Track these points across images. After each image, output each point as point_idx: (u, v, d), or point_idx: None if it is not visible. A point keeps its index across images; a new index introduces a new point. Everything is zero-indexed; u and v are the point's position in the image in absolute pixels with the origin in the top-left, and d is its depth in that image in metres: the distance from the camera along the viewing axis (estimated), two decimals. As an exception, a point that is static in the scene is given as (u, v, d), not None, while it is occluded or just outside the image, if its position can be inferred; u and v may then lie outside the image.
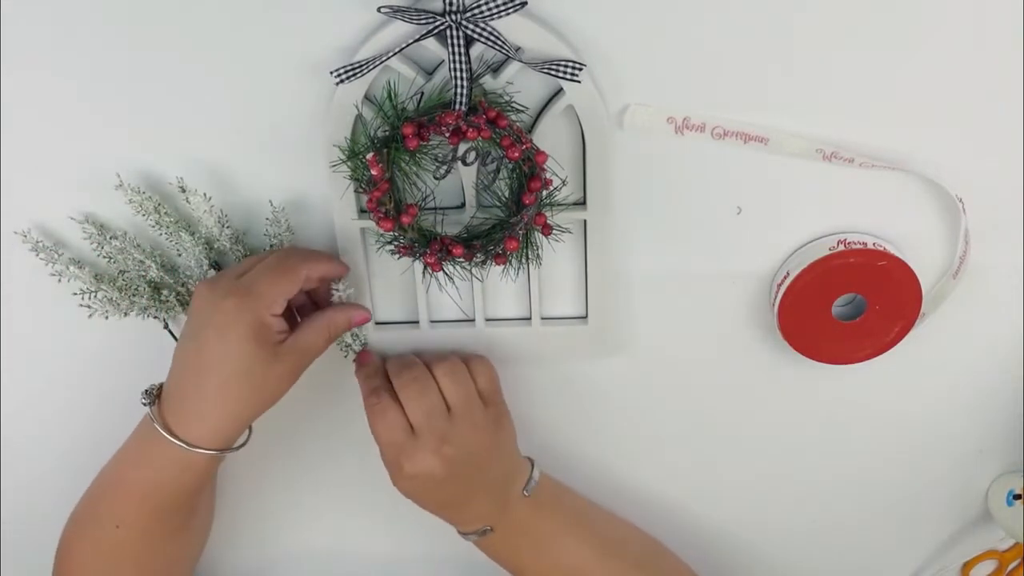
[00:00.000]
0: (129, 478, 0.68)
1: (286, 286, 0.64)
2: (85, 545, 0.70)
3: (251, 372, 0.64)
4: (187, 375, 0.65)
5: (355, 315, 0.69)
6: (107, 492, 0.70)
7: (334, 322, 0.68)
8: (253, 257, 0.68)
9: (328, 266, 0.67)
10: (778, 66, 0.63)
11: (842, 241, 0.68)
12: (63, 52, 0.63)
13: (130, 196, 0.66)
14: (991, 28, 0.61)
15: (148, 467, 0.67)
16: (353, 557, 0.88)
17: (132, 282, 0.70)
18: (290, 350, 0.65)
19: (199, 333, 0.64)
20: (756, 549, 0.86)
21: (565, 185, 0.66)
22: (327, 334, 0.67)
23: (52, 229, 0.69)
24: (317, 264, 0.66)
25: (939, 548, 0.77)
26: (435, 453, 0.68)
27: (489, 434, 0.70)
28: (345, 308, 0.69)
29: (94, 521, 0.70)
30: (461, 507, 0.72)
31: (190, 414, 0.65)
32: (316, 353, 0.67)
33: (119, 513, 0.68)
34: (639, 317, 0.73)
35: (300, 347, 0.66)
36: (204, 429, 0.65)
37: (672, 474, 0.82)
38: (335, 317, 0.68)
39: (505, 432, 0.72)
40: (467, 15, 0.57)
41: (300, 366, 0.66)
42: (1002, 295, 0.71)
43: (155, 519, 0.68)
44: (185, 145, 0.66)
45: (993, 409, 0.77)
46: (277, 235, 0.68)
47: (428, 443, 0.68)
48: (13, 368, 0.76)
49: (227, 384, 0.64)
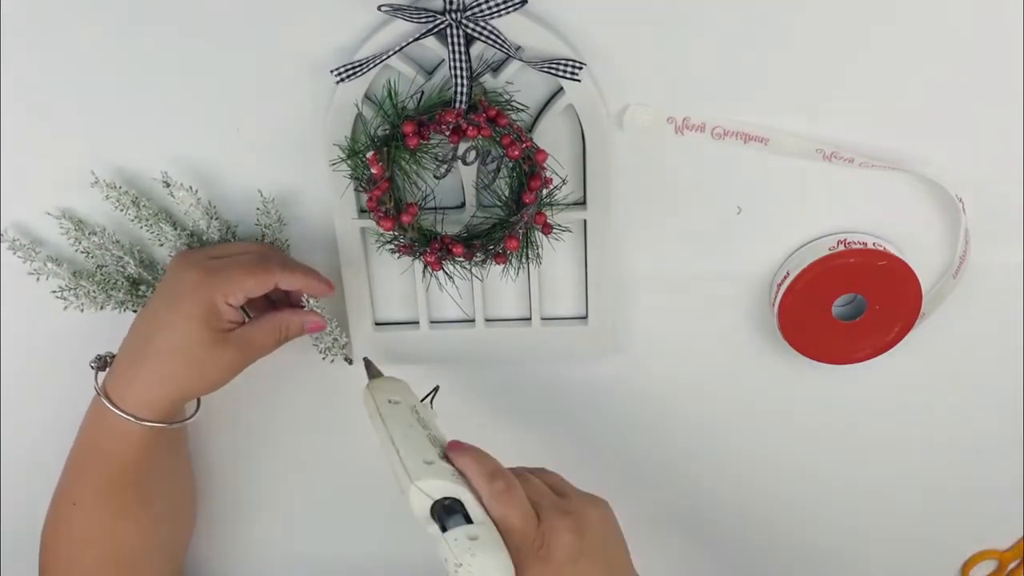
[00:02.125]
0: (80, 448, 0.68)
1: (253, 284, 0.64)
2: (55, 527, 0.70)
3: (188, 350, 0.63)
4: (132, 339, 0.65)
5: (309, 321, 0.68)
6: (66, 466, 0.70)
7: (287, 324, 0.67)
8: (241, 244, 0.67)
9: (305, 282, 0.66)
10: (778, 66, 0.63)
11: (842, 241, 0.68)
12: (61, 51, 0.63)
13: (106, 192, 0.66)
14: (991, 28, 0.61)
15: (93, 436, 0.66)
16: (350, 561, 0.88)
17: (110, 276, 0.70)
18: (236, 340, 0.64)
19: (154, 298, 0.65)
20: (756, 548, 0.86)
21: (565, 184, 0.66)
22: (278, 335, 0.67)
23: (28, 227, 0.70)
24: (294, 276, 0.65)
25: (939, 547, 0.77)
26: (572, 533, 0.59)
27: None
28: (302, 313, 0.68)
29: (58, 499, 0.70)
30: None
31: (125, 380, 0.64)
32: (263, 351, 0.66)
33: (74, 489, 0.68)
34: (639, 317, 0.73)
35: (247, 341, 0.65)
36: (134, 397, 0.64)
37: (672, 473, 0.82)
38: (290, 319, 0.67)
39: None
40: (467, 14, 0.57)
41: (244, 359, 0.66)
42: (1002, 295, 0.71)
43: (103, 495, 0.67)
44: (185, 145, 0.66)
45: (993, 409, 0.77)
46: (268, 225, 0.68)
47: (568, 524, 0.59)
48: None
49: (163, 355, 0.63)
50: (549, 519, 0.58)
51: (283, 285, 0.65)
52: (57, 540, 0.71)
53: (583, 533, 0.59)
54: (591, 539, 0.59)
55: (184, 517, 0.77)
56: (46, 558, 0.71)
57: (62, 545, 0.70)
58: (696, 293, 0.72)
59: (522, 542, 0.57)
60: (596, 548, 0.59)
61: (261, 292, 0.64)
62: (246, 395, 0.71)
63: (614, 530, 0.62)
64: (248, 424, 0.78)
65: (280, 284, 0.65)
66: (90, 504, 0.68)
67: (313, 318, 0.68)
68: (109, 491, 0.68)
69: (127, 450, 0.66)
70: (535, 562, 0.57)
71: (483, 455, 0.61)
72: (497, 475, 0.59)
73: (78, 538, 0.69)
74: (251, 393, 0.75)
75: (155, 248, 0.70)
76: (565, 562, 0.58)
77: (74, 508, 0.68)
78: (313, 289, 0.67)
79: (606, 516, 0.61)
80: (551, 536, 0.58)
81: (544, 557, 0.57)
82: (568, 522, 0.58)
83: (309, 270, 0.68)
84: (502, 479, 0.59)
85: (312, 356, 0.72)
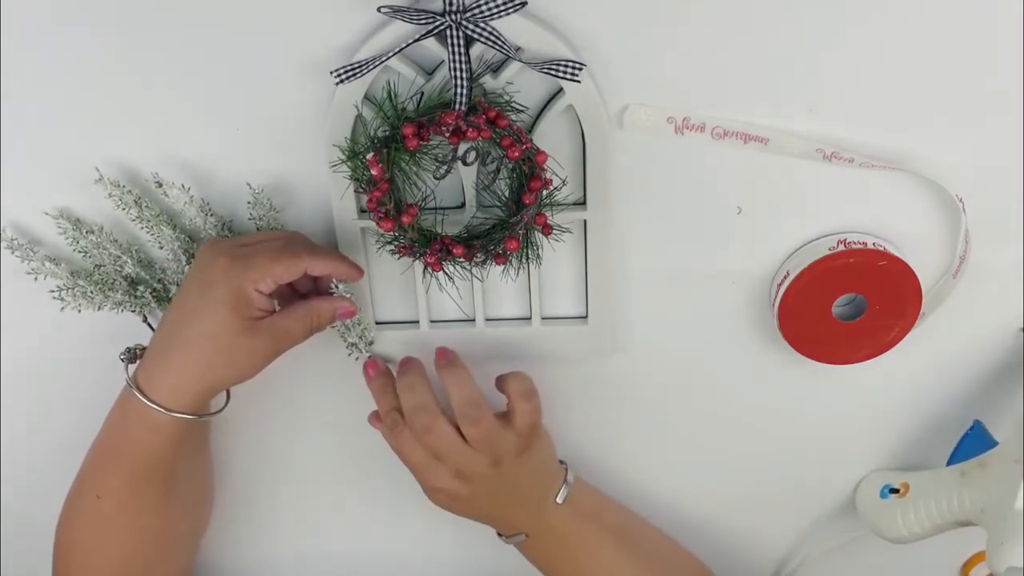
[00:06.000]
0: (105, 441, 0.68)
1: (282, 270, 0.63)
2: (76, 519, 0.70)
3: (218, 337, 0.63)
4: (164, 329, 0.65)
5: (341, 307, 0.67)
6: (89, 460, 0.70)
7: (318, 312, 0.67)
8: (269, 232, 0.67)
9: (334, 266, 0.66)
10: (778, 66, 0.63)
11: (842, 241, 0.68)
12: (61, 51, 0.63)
13: (109, 190, 0.66)
14: (991, 28, 0.61)
15: (121, 428, 0.67)
16: (357, 557, 0.88)
17: (108, 276, 0.70)
18: (266, 329, 0.64)
19: (184, 288, 0.64)
20: (755, 547, 0.86)
21: (565, 185, 0.66)
22: (309, 323, 0.66)
23: (26, 226, 0.70)
24: (323, 261, 0.65)
25: (939, 547, 0.77)
26: (455, 477, 0.68)
27: (512, 461, 0.69)
28: (332, 299, 0.67)
29: (80, 492, 0.70)
30: (493, 516, 0.72)
31: (157, 371, 0.64)
32: (294, 340, 0.66)
33: (99, 482, 0.68)
34: (639, 317, 0.73)
35: (278, 329, 0.65)
36: (165, 387, 0.64)
37: (672, 473, 0.82)
38: (320, 307, 0.67)
39: (533, 454, 0.70)
40: (467, 15, 0.57)
41: (275, 348, 0.65)
42: (1002, 295, 0.71)
43: (130, 488, 0.68)
44: (184, 145, 0.66)
45: (993, 409, 0.77)
46: (262, 216, 0.68)
47: (446, 468, 0.68)
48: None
49: (193, 344, 0.63)
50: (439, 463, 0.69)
51: (312, 270, 0.65)
52: (77, 532, 0.71)
53: (471, 482, 0.69)
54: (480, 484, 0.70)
55: (204, 508, 0.77)
56: (63, 550, 0.71)
57: (83, 537, 0.70)
58: (696, 293, 0.72)
59: (411, 472, 0.70)
60: (482, 489, 0.70)
61: (290, 278, 0.64)
62: (265, 390, 0.71)
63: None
64: (266, 418, 0.78)
65: (309, 269, 0.64)
66: (116, 497, 0.68)
67: (344, 304, 0.68)
68: (137, 484, 0.68)
69: (157, 442, 0.66)
70: (426, 491, 0.71)
71: (383, 384, 0.71)
72: (391, 414, 0.69)
73: (101, 530, 0.69)
74: (270, 388, 0.75)
75: (153, 248, 0.70)
76: (452, 497, 0.71)
77: (99, 501, 0.68)
78: (343, 273, 0.66)
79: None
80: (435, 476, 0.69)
81: (429, 491, 0.71)
82: (450, 471, 0.69)
83: (337, 255, 0.67)
84: (392, 419, 0.69)
85: (332, 352, 0.72)
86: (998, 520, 0.65)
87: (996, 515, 0.65)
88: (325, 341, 0.71)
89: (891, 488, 0.76)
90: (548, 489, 0.72)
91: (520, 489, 0.71)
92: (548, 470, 0.73)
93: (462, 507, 0.71)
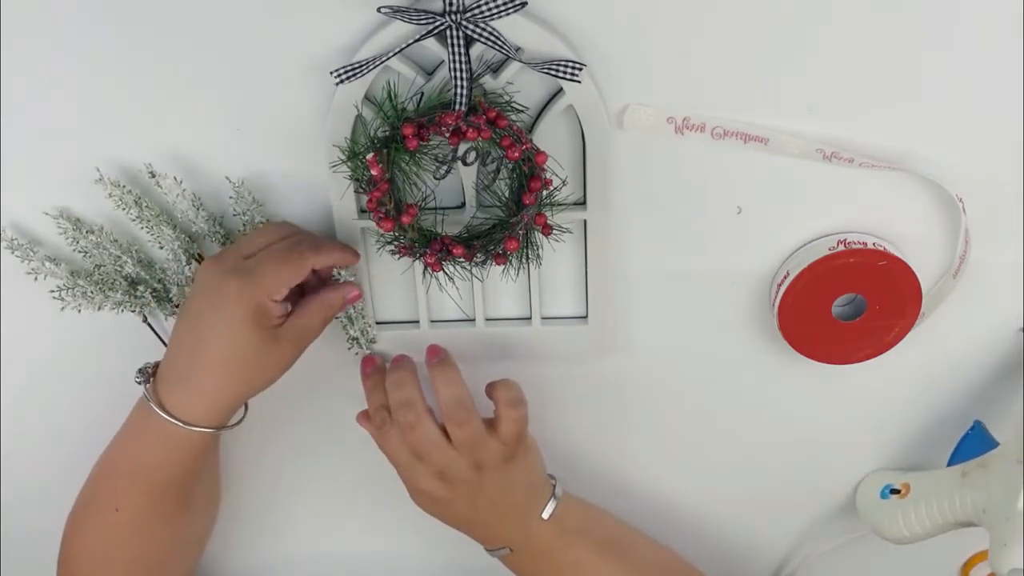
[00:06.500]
0: (127, 458, 0.68)
1: (290, 275, 0.64)
2: (88, 529, 0.70)
3: (247, 356, 0.64)
4: (184, 353, 0.65)
5: (349, 293, 0.69)
6: (106, 474, 0.70)
7: (330, 303, 0.68)
8: (262, 233, 0.67)
9: (337, 256, 0.67)
10: (778, 66, 0.63)
11: (842, 241, 0.68)
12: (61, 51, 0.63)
13: (110, 190, 0.66)
14: (991, 27, 0.61)
15: (145, 447, 0.67)
16: (356, 559, 0.88)
17: (108, 276, 0.70)
18: (287, 333, 0.65)
19: (199, 312, 0.64)
20: (755, 547, 0.86)
21: (565, 185, 0.66)
22: (324, 315, 0.67)
23: (26, 226, 0.70)
24: (328, 255, 0.66)
25: (939, 547, 0.77)
26: (437, 479, 0.69)
27: (495, 469, 0.69)
28: (339, 287, 0.68)
29: (95, 504, 0.70)
30: (476, 526, 0.72)
31: (185, 392, 0.65)
32: (314, 335, 0.67)
33: (118, 496, 0.68)
34: (639, 317, 0.73)
35: (298, 330, 0.66)
36: (199, 408, 0.65)
37: (672, 473, 0.82)
38: (330, 297, 0.68)
39: (518, 464, 0.70)
40: (467, 15, 0.57)
41: (298, 348, 0.67)
42: (1002, 295, 0.71)
43: (151, 501, 0.68)
44: (184, 145, 0.66)
45: (993, 409, 0.77)
46: (246, 211, 0.68)
47: (429, 469, 0.68)
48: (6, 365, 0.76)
49: (224, 365, 0.64)
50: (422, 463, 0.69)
51: (317, 266, 0.66)
52: (87, 541, 0.70)
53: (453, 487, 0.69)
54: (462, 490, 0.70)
55: (212, 513, 0.78)
56: (70, 558, 0.71)
57: (93, 546, 0.70)
58: (696, 293, 0.72)
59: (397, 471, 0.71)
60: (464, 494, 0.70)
61: (300, 279, 0.65)
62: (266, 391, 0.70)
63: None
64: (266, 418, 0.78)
65: (314, 266, 0.65)
66: (136, 510, 0.68)
67: (351, 289, 0.69)
68: (159, 497, 0.68)
69: (188, 458, 0.67)
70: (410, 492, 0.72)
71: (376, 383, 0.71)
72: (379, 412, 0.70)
73: (113, 539, 0.70)
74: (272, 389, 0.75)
75: (153, 248, 0.70)
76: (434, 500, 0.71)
77: (117, 514, 0.68)
78: (344, 261, 0.67)
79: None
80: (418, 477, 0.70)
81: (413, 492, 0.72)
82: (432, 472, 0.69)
83: (336, 243, 0.68)
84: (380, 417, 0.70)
85: (335, 354, 0.73)
86: (1000, 521, 0.65)
87: (998, 516, 0.65)
88: (328, 343, 0.71)
89: (892, 488, 0.76)
90: (534, 504, 0.71)
91: (504, 500, 0.70)
92: (535, 484, 0.72)
93: (444, 511, 0.71)
